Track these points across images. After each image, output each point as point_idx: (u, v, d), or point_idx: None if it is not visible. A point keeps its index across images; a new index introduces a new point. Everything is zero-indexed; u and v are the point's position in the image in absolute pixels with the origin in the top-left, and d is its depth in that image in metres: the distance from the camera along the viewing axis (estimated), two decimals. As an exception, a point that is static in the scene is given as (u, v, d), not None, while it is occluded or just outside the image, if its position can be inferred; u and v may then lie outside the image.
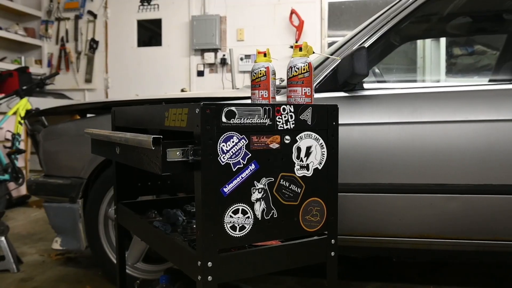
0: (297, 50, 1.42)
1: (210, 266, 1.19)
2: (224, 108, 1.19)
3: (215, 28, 5.30)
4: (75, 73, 5.76)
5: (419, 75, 5.52)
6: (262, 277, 2.49)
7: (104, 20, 5.69)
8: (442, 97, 1.98)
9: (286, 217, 1.30)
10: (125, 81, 5.68)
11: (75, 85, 5.77)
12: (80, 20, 5.74)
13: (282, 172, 1.29)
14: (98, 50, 5.71)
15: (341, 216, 2.01)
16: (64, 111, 2.70)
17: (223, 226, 1.21)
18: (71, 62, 5.76)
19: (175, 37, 5.52)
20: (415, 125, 1.96)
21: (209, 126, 1.17)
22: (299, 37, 5.19)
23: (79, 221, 2.39)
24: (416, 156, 1.94)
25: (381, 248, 2.13)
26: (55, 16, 5.79)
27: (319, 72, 2.17)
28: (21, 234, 3.41)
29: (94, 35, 5.71)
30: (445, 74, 5.21)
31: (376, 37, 2.17)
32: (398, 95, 2.04)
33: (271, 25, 5.27)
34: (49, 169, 2.52)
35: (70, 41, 5.77)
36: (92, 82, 5.73)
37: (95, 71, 5.73)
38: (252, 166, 1.24)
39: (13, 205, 4.27)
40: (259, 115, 1.24)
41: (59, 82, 5.75)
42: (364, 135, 1.99)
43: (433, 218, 1.95)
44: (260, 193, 1.25)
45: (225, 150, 1.20)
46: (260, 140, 1.25)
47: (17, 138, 3.96)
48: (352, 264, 2.74)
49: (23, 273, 2.60)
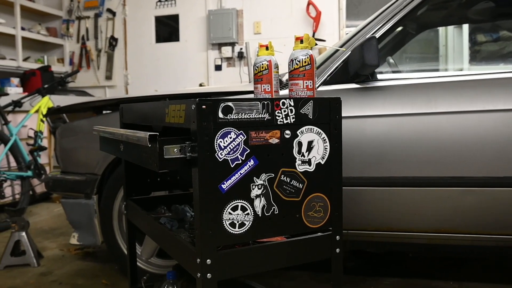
0: (298, 42, 1.39)
1: (209, 263, 1.18)
2: (221, 104, 1.18)
3: (232, 22, 5.28)
4: (96, 71, 5.83)
5: (441, 64, 5.38)
6: (275, 272, 2.47)
7: (123, 18, 5.73)
8: (459, 86, 1.92)
9: (287, 213, 1.28)
10: (144, 77, 5.72)
11: (96, 83, 5.84)
12: (100, 18, 5.80)
13: (283, 168, 1.27)
14: (117, 47, 5.77)
15: (354, 211, 1.98)
16: (80, 108, 2.73)
17: (222, 223, 1.20)
18: (91, 60, 5.83)
19: (192, 32, 5.53)
20: (430, 116, 1.90)
21: (205, 122, 1.16)
22: (316, 28, 5.12)
23: (94, 216, 2.43)
24: (432, 148, 1.89)
25: (396, 243, 2.09)
26: (76, 15, 5.86)
27: (329, 64, 2.14)
28: (43, 229, 3.49)
29: (113, 32, 5.77)
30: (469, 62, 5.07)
31: (388, 27, 2.12)
32: (411, 85, 1.99)
33: (288, 17, 5.21)
34: (65, 166, 2.56)
35: (90, 39, 5.84)
36: (112, 79, 5.79)
37: (115, 68, 5.79)
38: (251, 162, 1.22)
39: (37, 201, 4.37)
40: (258, 110, 1.23)
41: (80, 79, 5.83)
42: (377, 127, 1.95)
43: (450, 212, 1.90)
44: (260, 189, 1.24)
45: (222, 146, 1.18)
46: (259, 136, 1.23)
47: (39, 135, 4.04)
48: (368, 259, 2.70)
49: (43, 267, 2.66)
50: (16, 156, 3.82)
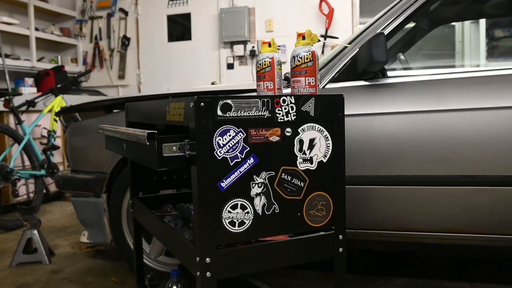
0: (300, 38, 1.37)
1: (209, 262, 1.17)
2: (219, 101, 1.16)
3: (244, 20, 5.27)
4: (109, 70, 5.88)
5: (457, 60, 5.30)
6: (283, 271, 2.46)
7: (135, 17, 5.76)
8: (469, 83, 1.88)
9: (289, 212, 1.27)
10: (156, 76, 5.74)
11: (109, 82, 5.88)
12: (112, 18, 5.83)
13: (284, 166, 1.25)
14: (130, 46, 5.80)
15: (363, 210, 1.96)
16: (89, 108, 2.75)
17: (221, 221, 1.18)
18: (104, 59, 5.87)
19: (204, 30, 5.53)
20: (440, 113, 1.87)
21: (204, 120, 1.15)
22: (329, 25, 5.08)
23: (103, 215, 2.44)
24: (442, 146, 1.85)
25: (406, 243, 2.06)
26: (89, 15, 5.91)
27: (337, 61, 2.11)
28: (56, 227, 3.53)
29: (126, 32, 5.80)
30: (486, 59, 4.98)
31: (397, 23, 2.09)
32: (421, 82, 1.95)
33: (300, 14, 5.18)
34: (75, 164, 2.57)
35: (103, 39, 5.88)
36: (125, 78, 5.82)
37: (128, 67, 5.82)
38: (251, 160, 1.21)
39: (51, 199, 4.42)
40: (257, 107, 1.21)
41: (94, 79, 5.88)
42: (386, 125, 1.92)
43: (461, 212, 1.86)
44: (260, 188, 1.22)
45: (221, 144, 1.17)
46: (259, 133, 1.21)
47: (53, 134, 4.08)
48: (378, 259, 2.66)
49: (54, 265, 2.68)
50: (30, 155, 3.86)
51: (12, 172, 3.51)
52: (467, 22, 5.01)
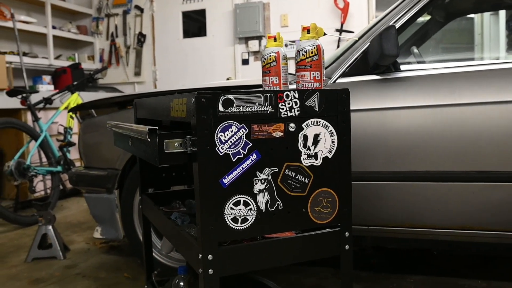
0: (305, 32, 1.34)
1: (211, 259, 1.16)
2: (221, 97, 1.15)
3: (259, 15, 5.24)
4: (125, 67, 5.92)
5: (476, 53, 5.19)
6: (296, 267, 2.44)
7: (151, 14, 5.78)
8: (484, 76, 1.83)
9: (293, 208, 1.25)
10: (172, 72, 5.77)
11: (126, 79, 5.93)
12: (128, 15, 5.87)
13: (287, 162, 1.23)
14: (145, 43, 5.83)
15: (375, 206, 1.93)
16: (102, 104, 2.76)
17: (223, 218, 1.17)
18: (121, 56, 5.92)
19: (219, 26, 5.52)
20: (454, 107, 1.82)
21: (205, 116, 1.13)
22: (344, 19, 5.02)
23: (116, 211, 2.45)
24: (456, 141, 1.81)
25: (419, 240, 2.03)
26: (105, 13, 5.96)
27: (348, 55, 2.09)
28: (72, 223, 3.57)
29: (141, 29, 5.83)
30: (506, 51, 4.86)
31: (409, 15, 2.05)
32: (434, 75, 1.91)
33: (316, 8, 5.13)
34: (88, 161, 2.60)
35: (119, 36, 5.92)
36: (141, 75, 5.86)
37: (144, 64, 5.86)
38: (254, 156, 1.19)
39: (68, 195, 4.48)
40: (260, 102, 1.19)
41: (110, 76, 5.93)
42: (398, 119, 1.89)
43: (475, 208, 1.82)
44: (263, 184, 1.21)
45: (223, 140, 1.16)
46: (262, 129, 1.20)
47: (69, 131, 4.13)
48: (392, 256, 2.62)
49: (69, 260, 2.71)
50: (46, 152, 3.91)
51: (29, 169, 3.56)
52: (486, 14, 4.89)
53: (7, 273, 2.52)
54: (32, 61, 4.93)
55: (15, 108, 4.07)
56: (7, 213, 3.33)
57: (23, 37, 4.94)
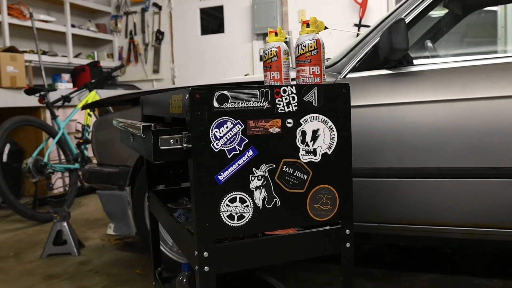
0: (304, 26, 1.32)
1: (207, 256, 1.15)
2: (216, 92, 1.13)
3: (276, 11, 5.21)
4: (144, 65, 5.97)
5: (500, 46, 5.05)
6: (307, 265, 2.42)
7: (169, 11, 5.81)
8: (496, 70, 1.77)
9: (291, 205, 1.23)
10: (190, 69, 5.79)
11: (144, 76, 5.98)
12: (146, 13, 5.92)
13: (285, 158, 1.21)
14: (164, 40, 5.87)
15: (387, 203, 1.89)
16: (114, 102, 2.78)
17: (219, 215, 1.16)
18: (139, 54, 5.97)
19: (237, 22, 5.52)
20: (466, 102, 1.77)
21: (199, 112, 1.12)
22: (363, 14, 4.94)
23: (128, 207, 2.47)
24: (468, 137, 1.75)
25: (431, 238, 1.98)
26: (123, 11, 6.02)
27: (359, 50, 2.05)
28: (89, 220, 3.62)
29: (159, 26, 5.87)
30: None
31: (421, 8, 2.00)
32: (445, 69, 1.86)
33: (334, 3, 5.07)
34: (100, 158, 2.62)
35: (137, 33, 5.98)
36: (159, 72, 5.90)
37: (162, 61, 5.89)
38: (250, 152, 1.17)
39: (86, 192, 4.54)
40: (256, 98, 1.17)
41: (129, 74, 5.99)
42: (408, 115, 1.84)
43: (489, 206, 1.76)
44: (260, 181, 1.19)
45: (218, 136, 1.14)
46: (258, 125, 1.18)
47: (87, 129, 4.18)
48: (406, 254, 2.57)
49: (83, 257, 2.75)
50: (64, 149, 3.97)
51: (46, 166, 3.62)
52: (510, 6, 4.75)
53: (22, 268, 2.57)
54: (52, 59, 5.01)
55: (35, 106, 4.14)
56: (24, 209, 3.40)
57: (43, 36, 5.03)
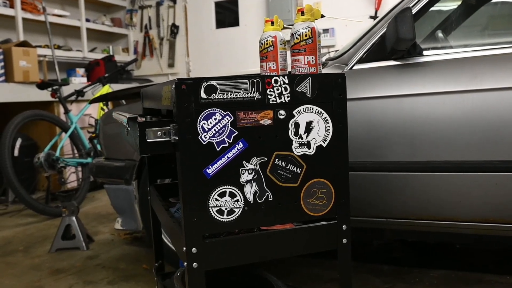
0: (299, 14, 1.27)
1: (195, 252, 1.12)
2: (203, 83, 1.10)
3: (291, 4, 5.14)
4: (159, 59, 5.96)
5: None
6: (316, 260, 2.37)
7: (183, 5, 5.79)
8: (507, 60, 1.69)
9: (284, 200, 1.18)
10: (205, 63, 5.76)
11: (159, 70, 5.97)
12: (161, 7, 5.90)
13: (277, 151, 1.17)
14: (179, 34, 5.85)
15: (394, 198, 1.84)
16: (122, 95, 2.78)
17: (208, 210, 1.12)
18: (154, 48, 5.97)
19: (252, 16, 5.46)
20: (475, 93, 1.70)
21: (186, 103, 1.09)
22: (378, 6, 4.84)
23: (134, 202, 2.46)
24: (477, 130, 1.69)
25: (440, 233, 1.93)
26: (139, 5, 6.01)
27: (365, 41, 2.00)
28: (100, 214, 3.63)
29: (174, 20, 5.85)
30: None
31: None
32: (454, 60, 1.80)
33: (349, -5, 4.98)
34: (108, 152, 2.61)
35: (153, 27, 5.97)
36: (174, 67, 5.89)
37: (177, 55, 5.88)
38: (240, 145, 1.13)
39: (99, 187, 4.56)
40: (246, 89, 1.13)
41: (144, 68, 6.00)
42: (416, 107, 1.79)
43: (499, 200, 1.70)
44: (250, 174, 1.15)
45: (206, 129, 1.10)
46: (248, 116, 1.14)
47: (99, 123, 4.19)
48: (416, 250, 2.50)
49: (91, 251, 2.75)
50: (76, 144, 3.99)
51: (58, 160, 3.64)
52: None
53: (30, 263, 2.58)
54: (66, 54, 5.04)
55: (48, 101, 4.17)
56: (36, 204, 3.42)
57: (58, 31, 5.06)
